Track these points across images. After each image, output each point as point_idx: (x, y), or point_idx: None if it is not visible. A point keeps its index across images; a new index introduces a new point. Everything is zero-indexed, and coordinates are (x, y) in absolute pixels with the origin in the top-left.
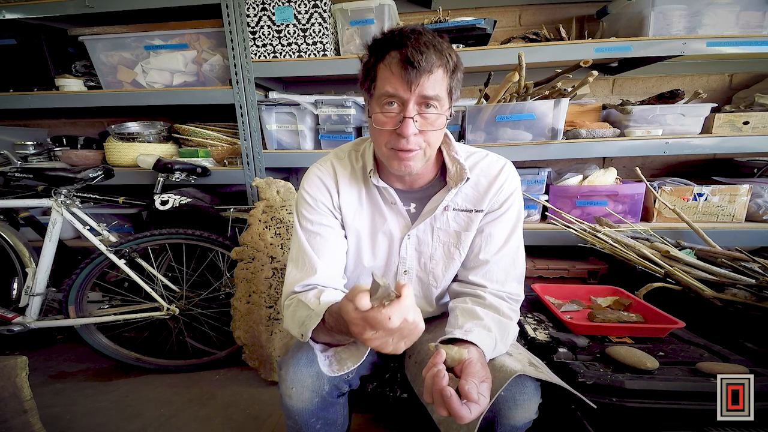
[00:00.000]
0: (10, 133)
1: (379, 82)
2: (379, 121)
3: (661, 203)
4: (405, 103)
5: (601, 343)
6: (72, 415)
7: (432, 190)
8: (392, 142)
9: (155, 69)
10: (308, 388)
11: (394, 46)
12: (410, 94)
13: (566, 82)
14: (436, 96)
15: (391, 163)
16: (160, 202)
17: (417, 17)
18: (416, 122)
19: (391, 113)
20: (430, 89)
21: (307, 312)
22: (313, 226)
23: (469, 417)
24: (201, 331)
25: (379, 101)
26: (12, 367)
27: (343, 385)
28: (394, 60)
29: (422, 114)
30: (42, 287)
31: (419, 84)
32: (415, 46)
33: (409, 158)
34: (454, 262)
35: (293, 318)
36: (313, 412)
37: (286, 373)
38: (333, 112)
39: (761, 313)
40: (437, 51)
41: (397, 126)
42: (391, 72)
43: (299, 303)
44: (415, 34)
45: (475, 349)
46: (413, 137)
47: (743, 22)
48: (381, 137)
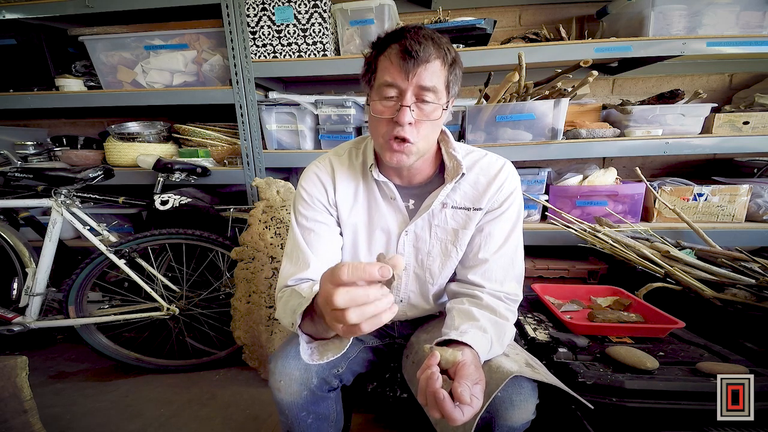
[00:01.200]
0: (10, 133)
1: (379, 72)
2: (377, 109)
3: (661, 203)
4: (403, 93)
5: (601, 343)
6: (72, 415)
7: (431, 186)
8: (389, 131)
9: (155, 69)
10: (296, 381)
11: (394, 40)
12: (408, 84)
13: (566, 82)
14: (434, 87)
15: (385, 154)
16: (160, 202)
17: (417, 17)
18: (413, 111)
19: (389, 102)
20: (427, 79)
21: (299, 300)
22: (308, 222)
23: (461, 419)
24: (201, 331)
25: (378, 91)
26: (12, 367)
27: (332, 380)
28: (394, 51)
29: (419, 104)
30: (42, 287)
31: (416, 74)
32: (414, 38)
33: (402, 149)
34: (451, 260)
35: (285, 307)
36: (303, 405)
37: (274, 366)
38: (333, 112)
39: (761, 313)
40: (435, 43)
41: (394, 114)
42: (390, 62)
43: (293, 292)
44: (414, 29)
45: (470, 350)
46: (409, 127)
47: (743, 22)
48: (379, 127)
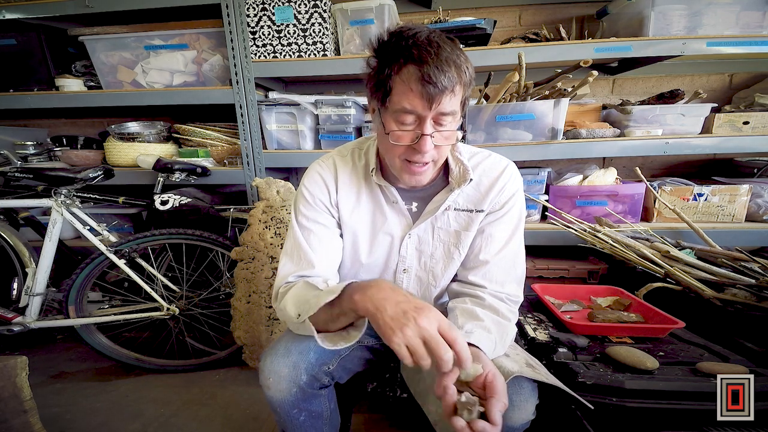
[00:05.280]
0: (10, 133)
1: (395, 96)
2: (396, 137)
3: (661, 203)
4: (422, 120)
5: (601, 343)
6: (72, 415)
7: (434, 189)
8: (407, 155)
9: (155, 69)
10: (285, 378)
11: (411, 60)
12: (429, 112)
13: (566, 82)
14: (453, 111)
15: (403, 175)
16: (160, 202)
17: (417, 17)
18: (432, 137)
19: (407, 127)
20: (448, 106)
21: (315, 292)
22: (309, 223)
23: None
24: (201, 331)
25: (396, 116)
26: (12, 367)
27: (323, 377)
28: (413, 77)
29: (438, 130)
30: (42, 287)
31: (440, 103)
32: (436, 64)
33: (421, 172)
34: (453, 262)
35: (295, 297)
36: (294, 403)
37: (263, 364)
38: (333, 112)
39: (761, 313)
40: (457, 67)
41: (414, 141)
42: (409, 89)
43: (306, 284)
44: (434, 48)
45: (484, 356)
46: (429, 152)
47: (743, 22)
48: (395, 150)
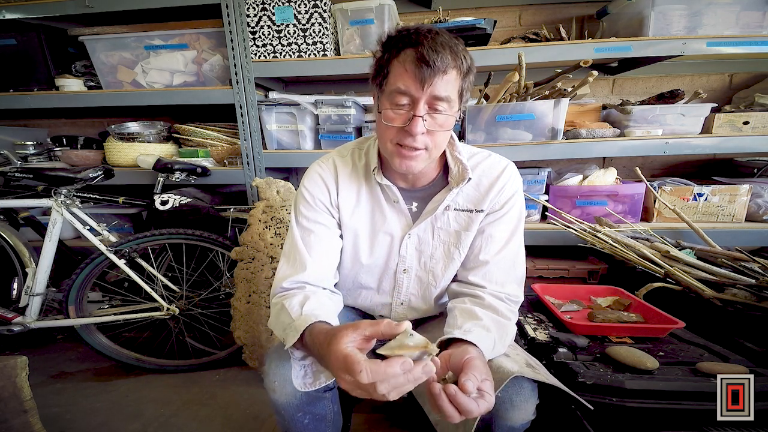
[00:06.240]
0: (10, 133)
1: (392, 78)
2: (388, 117)
3: (661, 203)
4: (416, 102)
5: (601, 343)
6: (72, 415)
7: (434, 189)
8: (399, 138)
9: (155, 69)
10: (291, 381)
11: (409, 44)
12: (422, 93)
13: (566, 82)
14: (447, 97)
15: (394, 159)
16: (160, 202)
17: (417, 17)
18: (425, 121)
19: (400, 110)
20: (442, 90)
21: (288, 321)
22: (309, 223)
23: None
24: (201, 331)
25: (390, 97)
26: (12, 367)
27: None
28: (409, 57)
29: (432, 114)
30: (42, 287)
31: (432, 83)
32: (431, 45)
33: (412, 157)
34: (453, 262)
35: (277, 321)
36: (299, 406)
37: (269, 367)
38: (333, 112)
39: (761, 313)
40: (452, 52)
41: (406, 123)
42: (404, 69)
43: (282, 308)
44: (432, 34)
45: (475, 348)
46: (420, 136)
47: (743, 22)
48: (388, 133)
